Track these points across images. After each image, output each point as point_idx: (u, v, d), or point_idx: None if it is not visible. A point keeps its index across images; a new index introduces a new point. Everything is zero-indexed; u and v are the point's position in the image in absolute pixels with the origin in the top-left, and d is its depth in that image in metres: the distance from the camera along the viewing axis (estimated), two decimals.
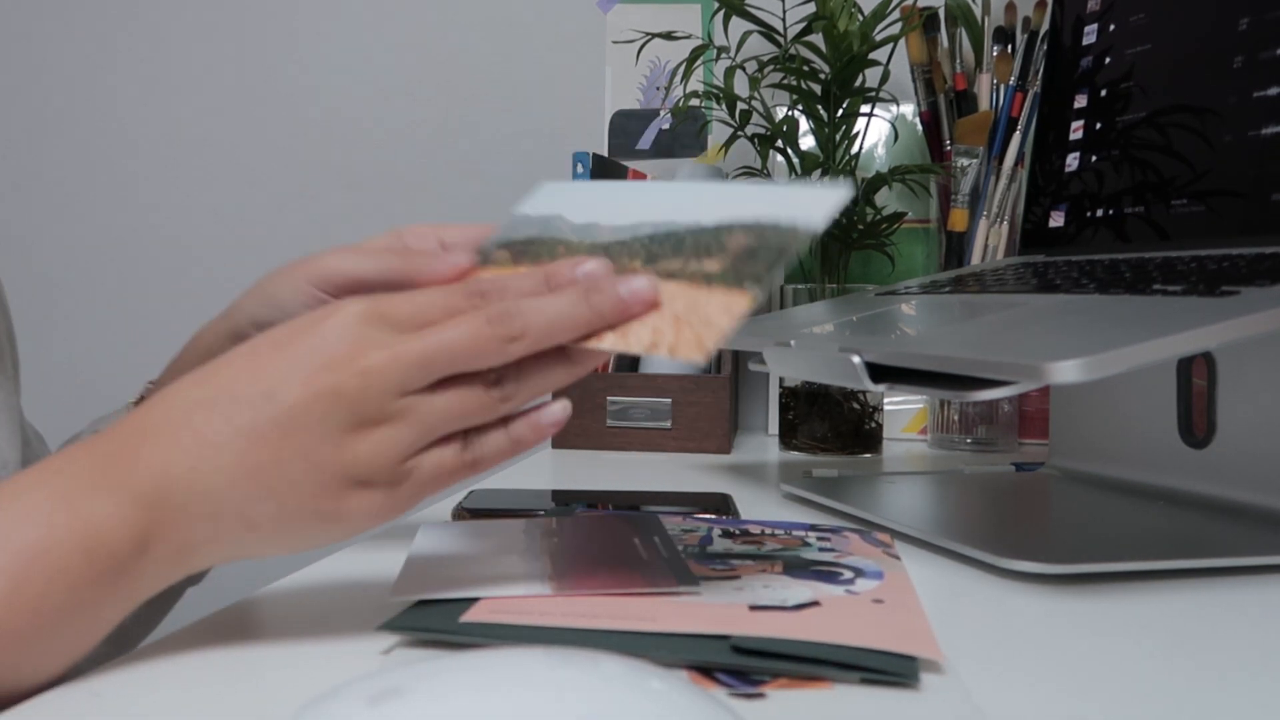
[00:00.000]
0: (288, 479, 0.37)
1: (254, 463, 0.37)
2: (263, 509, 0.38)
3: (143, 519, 0.37)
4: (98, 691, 0.35)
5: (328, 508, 0.38)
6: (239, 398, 0.38)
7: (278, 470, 0.37)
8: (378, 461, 0.38)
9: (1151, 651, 0.40)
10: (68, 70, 1.38)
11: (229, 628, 0.43)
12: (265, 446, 0.37)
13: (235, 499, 0.37)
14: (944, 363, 0.54)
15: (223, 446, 0.37)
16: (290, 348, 0.38)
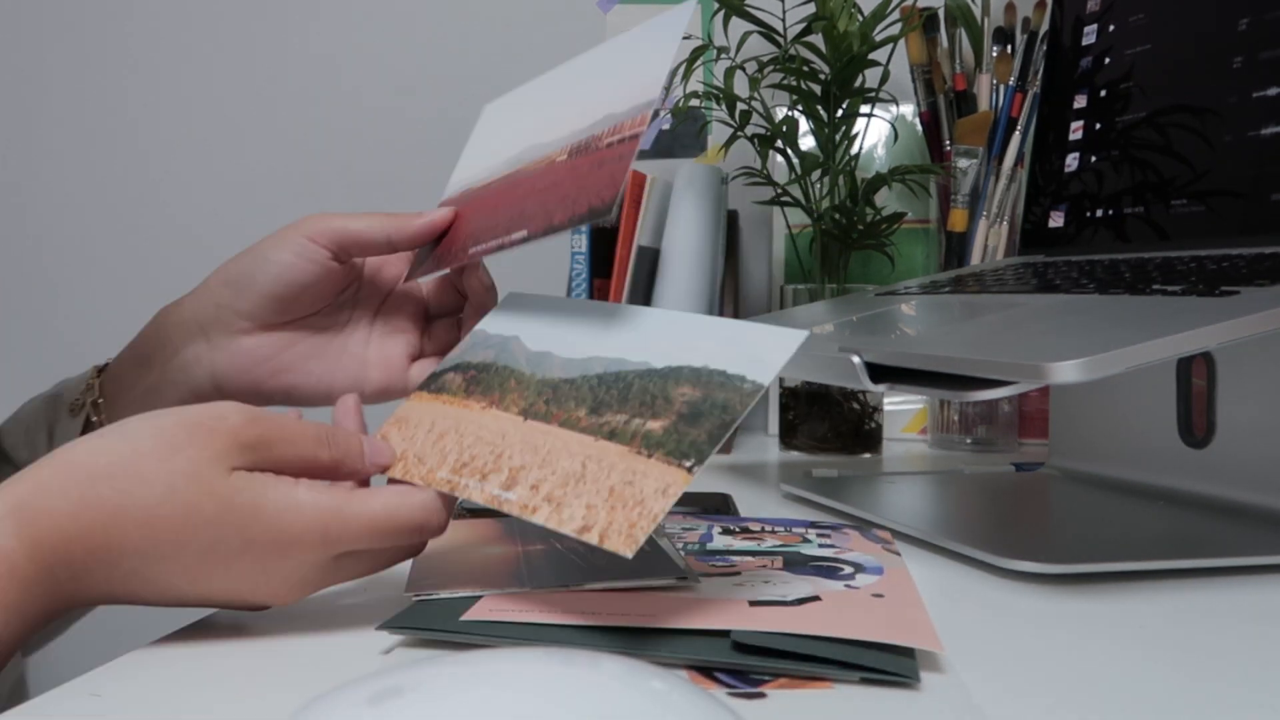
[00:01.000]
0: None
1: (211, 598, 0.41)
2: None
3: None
4: (98, 692, 0.35)
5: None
6: (186, 594, 0.40)
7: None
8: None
9: (1151, 651, 0.40)
10: (67, 71, 1.38)
11: (229, 628, 0.43)
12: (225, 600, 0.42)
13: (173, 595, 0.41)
14: (944, 363, 0.54)
15: (170, 596, 0.40)
16: (262, 564, 0.40)
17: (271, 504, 0.39)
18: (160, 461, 0.39)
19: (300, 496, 0.40)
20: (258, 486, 0.40)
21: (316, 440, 0.43)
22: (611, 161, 0.49)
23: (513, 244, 0.51)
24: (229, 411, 0.41)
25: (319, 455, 0.42)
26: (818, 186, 0.98)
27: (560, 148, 0.53)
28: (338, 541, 0.40)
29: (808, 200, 0.98)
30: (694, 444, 0.39)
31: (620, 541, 0.37)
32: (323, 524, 0.40)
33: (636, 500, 0.38)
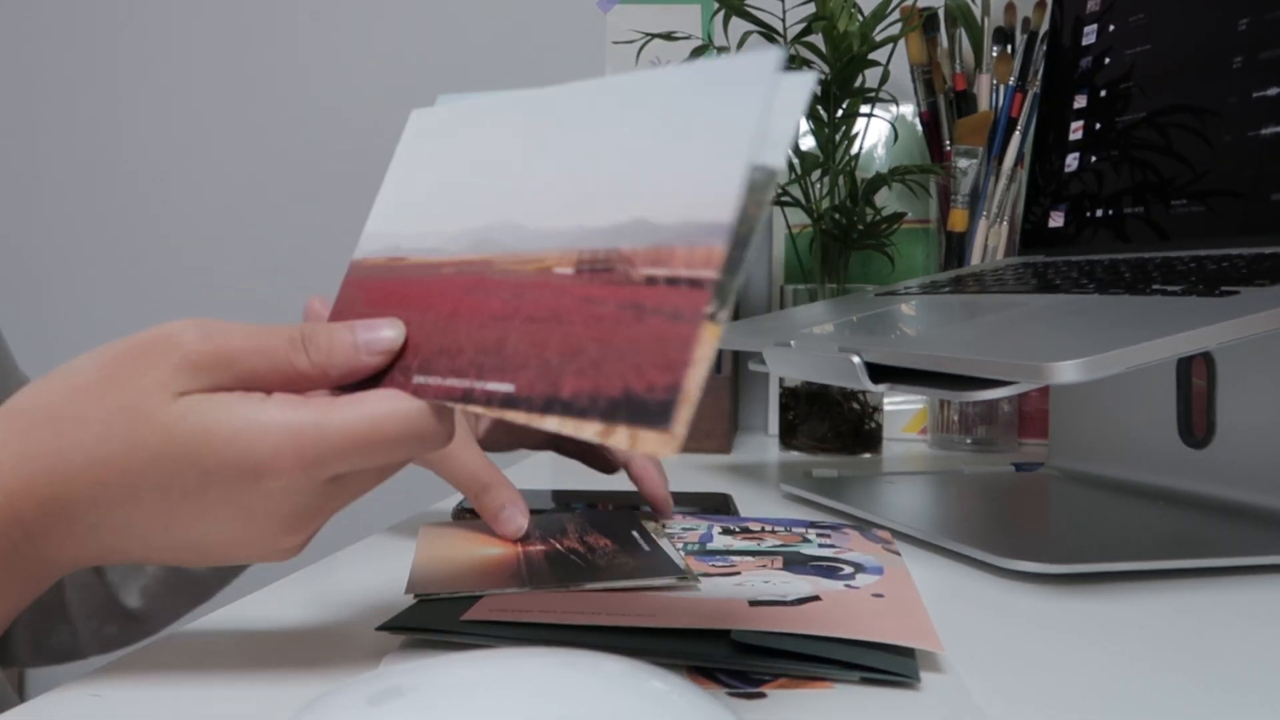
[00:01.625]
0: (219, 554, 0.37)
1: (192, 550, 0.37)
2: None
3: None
4: (98, 692, 0.35)
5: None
6: (170, 543, 0.36)
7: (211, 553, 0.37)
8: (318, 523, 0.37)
9: (1151, 651, 0.40)
10: (66, 71, 1.38)
11: (229, 628, 0.43)
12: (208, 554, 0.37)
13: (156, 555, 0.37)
14: (944, 363, 0.54)
15: (158, 552, 0.37)
16: (232, 498, 0.34)
17: (224, 427, 0.33)
18: (98, 398, 0.34)
19: (267, 415, 0.34)
20: (205, 409, 0.34)
21: (290, 343, 0.35)
22: (663, 319, 0.31)
23: (488, 400, 0.34)
24: (180, 330, 0.35)
25: (296, 362, 0.35)
26: (818, 186, 0.98)
27: (561, 250, 0.34)
28: (318, 462, 0.34)
29: (808, 200, 0.98)
30: (720, 288, 0.30)
31: (654, 441, 0.29)
32: (296, 444, 0.33)
33: None
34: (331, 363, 0.35)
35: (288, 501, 0.35)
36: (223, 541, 0.36)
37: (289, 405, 0.34)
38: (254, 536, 0.36)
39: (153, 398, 0.34)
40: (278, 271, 1.33)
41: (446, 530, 0.54)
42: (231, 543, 0.36)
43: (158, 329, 0.35)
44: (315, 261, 1.32)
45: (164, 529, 0.35)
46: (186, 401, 0.34)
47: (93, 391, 0.34)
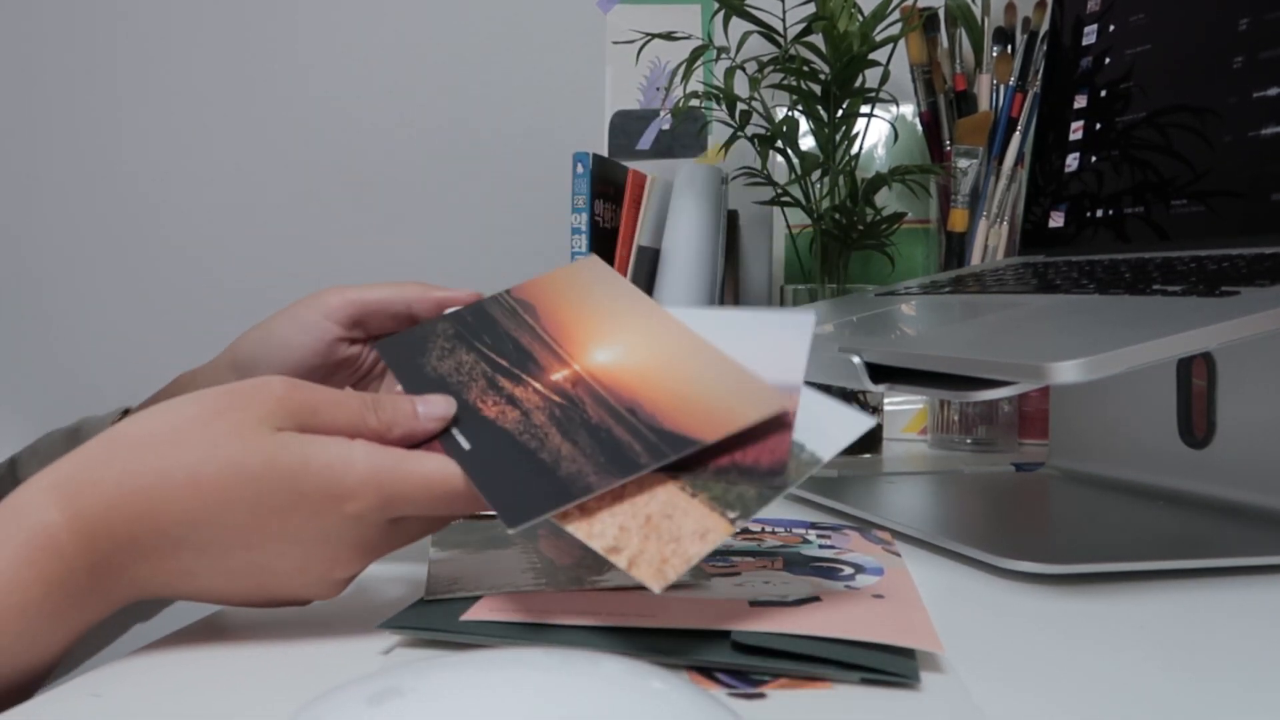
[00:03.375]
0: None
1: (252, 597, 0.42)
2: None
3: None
4: (98, 692, 0.35)
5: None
6: (243, 567, 0.40)
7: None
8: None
9: (1151, 651, 0.40)
10: (66, 71, 1.38)
11: (229, 628, 0.43)
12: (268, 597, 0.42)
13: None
14: (944, 363, 0.54)
15: (228, 576, 0.40)
16: (314, 520, 0.39)
17: (321, 458, 0.39)
18: (203, 426, 0.39)
19: (355, 452, 0.39)
20: (304, 442, 0.39)
21: (363, 404, 0.42)
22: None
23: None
24: (273, 380, 0.41)
25: (367, 420, 0.41)
26: (818, 186, 0.98)
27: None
28: (393, 500, 0.39)
29: (808, 200, 0.98)
30: (741, 498, 0.39)
31: (649, 573, 0.36)
32: (378, 479, 0.39)
33: (673, 536, 0.37)
34: (395, 422, 0.42)
35: (358, 531, 0.40)
36: (289, 569, 0.40)
37: (373, 448, 0.40)
38: (318, 564, 0.40)
39: (256, 427, 0.39)
40: (279, 270, 1.33)
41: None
42: (296, 570, 0.40)
43: (250, 380, 0.41)
44: (317, 260, 1.32)
45: (244, 547, 0.39)
46: (286, 434, 0.39)
47: (198, 422, 0.39)
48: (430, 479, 0.40)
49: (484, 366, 0.47)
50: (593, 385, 0.45)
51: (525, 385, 0.45)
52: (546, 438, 0.42)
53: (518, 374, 0.46)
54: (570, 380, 0.45)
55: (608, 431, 0.42)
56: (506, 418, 0.44)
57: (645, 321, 0.48)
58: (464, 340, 0.49)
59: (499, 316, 0.51)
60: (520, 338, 0.49)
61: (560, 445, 0.42)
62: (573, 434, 0.42)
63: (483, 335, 0.49)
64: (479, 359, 0.48)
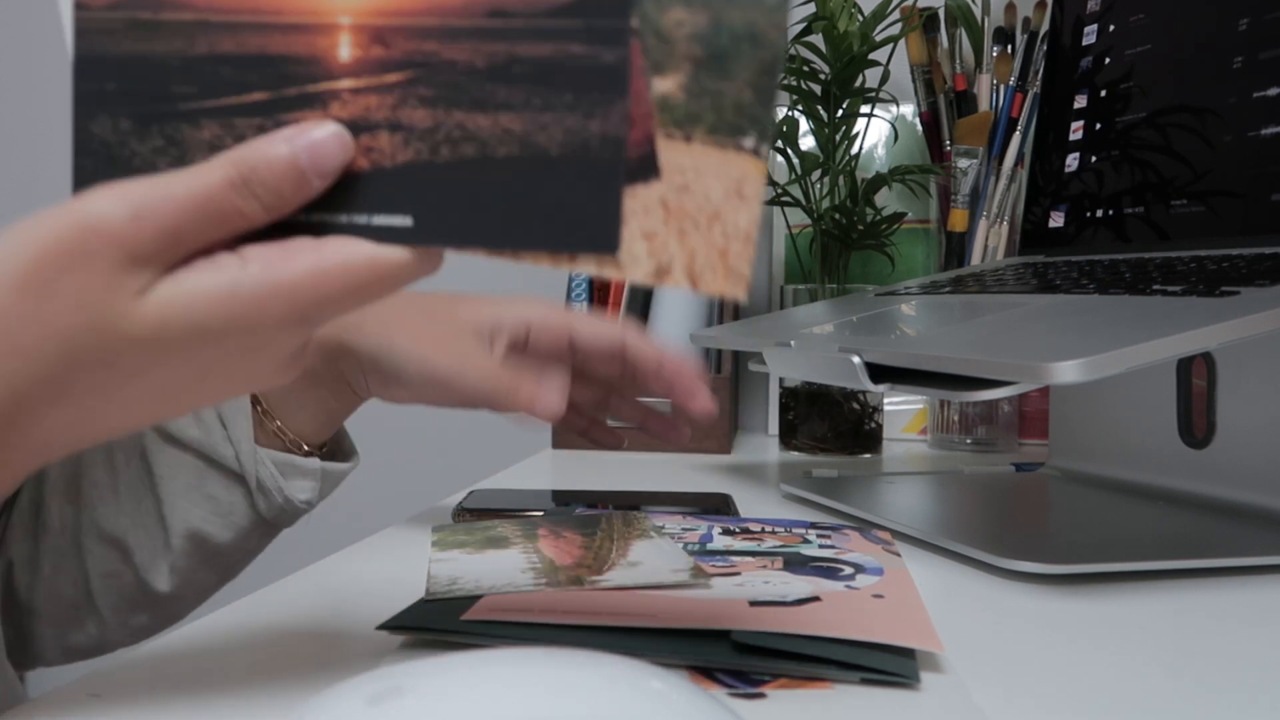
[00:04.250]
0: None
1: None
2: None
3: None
4: (98, 692, 0.35)
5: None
6: (159, 414, 0.33)
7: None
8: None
9: (1151, 652, 0.40)
10: None
11: (229, 628, 0.43)
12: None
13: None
14: (944, 363, 0.54)
15: (144, 420, 0.34)
16: (232, 367, 0.32)
17: (218, 312, 0.30)
18: (40, 324, 0.29)
19: (253, 284, 0.30)
20: (187, 299, 0.30)
21: (232, 189, 0.30)
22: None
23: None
24: (101, 214, 0.29)
25: (246, 211, 0.30)
26: (818, 186, 0.98)
27: None
28: (321, 315, 0.31)
29: (808, 200, 0.98)
30: (741, 108, 0.29)
31: (720, 280, 0.29)
32: (298, 308, 0.30)
33: (709, 214, 0.29)
34: (282, 199, 0.31)
35: (288, 350, 0.33)
36: (220, 393, 0.33)
37: (272, 264, 0.30)
38: (258, 385, 0.34)
39: (112, 309, 0.29)
40: None
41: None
42: (229, 392, 0.33)
43: (71, 218, 0.29)
44: None
45: (155, 414, 0.33)
46: (156, 299, 0.30)
47: (29, 317, 0.29)
48: (358, 277, 0.30)
49: (241, 123, 0.32)
50: (404, 24, 0.31)
51: (333, 99, 0.31)
52: (467, 129, 0.31)
53: (299, 91, 0.31)
54: (366, 42, 0.31)
55: (513, 59, 0.30)
56: (387, 151, 0.31)
57: None
58: (151, 117, 0.32)
59: (135, 47, 0.32)
60: (218, 46, 0.32)
61: (500, 122, 0.30)
62: (484, 98, 0.30)
63: (167, 88, 0.32)
64: (218, 121, 0.32)
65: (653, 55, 0.30)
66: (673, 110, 0.30)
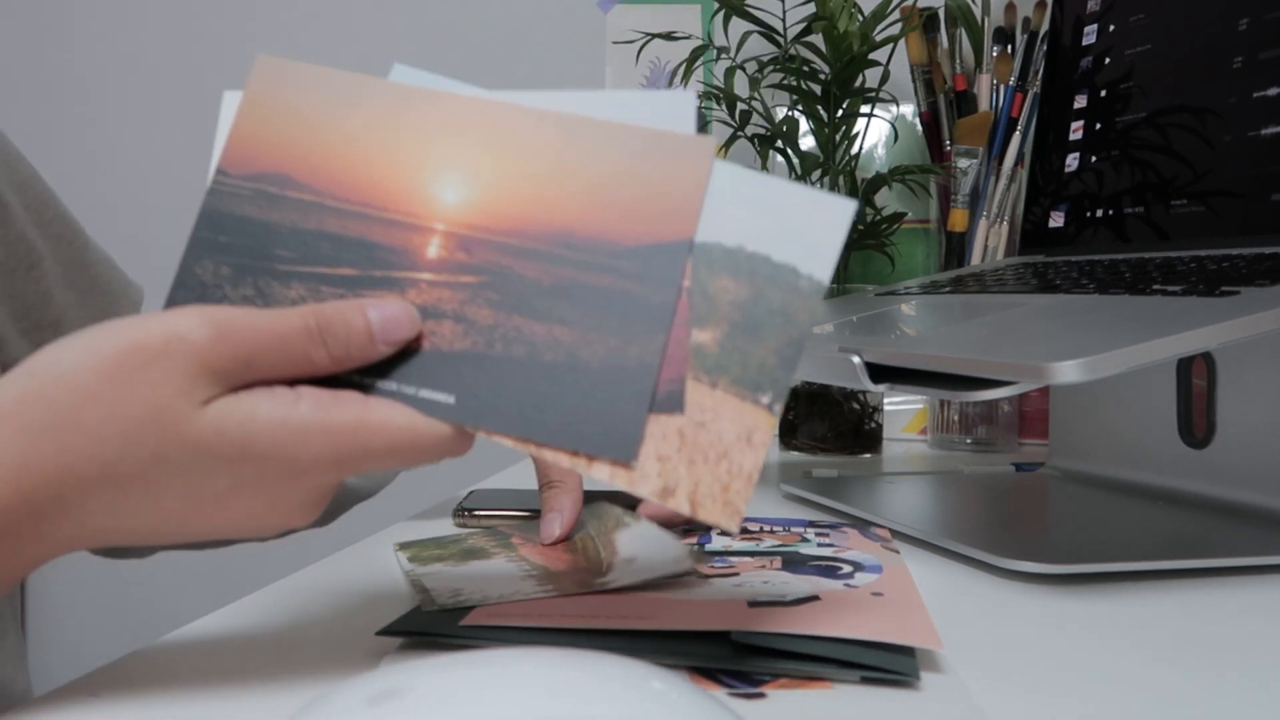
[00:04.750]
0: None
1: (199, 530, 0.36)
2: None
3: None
4: (98, 692, 0.35)
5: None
6: (184, 532, 0.35)
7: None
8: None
9: (1151, 652, 0.40)
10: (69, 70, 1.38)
11: (229, 628, 0.43)
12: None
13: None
14: (944, 363, 0.54)
15: (169, 538, 0.35)
16: (262, 494, 0.34)
17: (267, 436, 0.32)
18: (109, 407, 0.32)
19: (303, 418, 0.33)
20: (243, 417, 0.32)
21: (307, 336, 0.33)
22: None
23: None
24: (189, 328, 0.32)
25: (314, 358, 0.34)
26: (818, 186, 0.98)
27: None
28: (353, 463, 0.34)
29: None
30: (764, 370, 0.33)
31: (719, 511, 0.32)
32: (335, 451, 0.33)
33: (718, 452, 0.33)
34: (349, 355, 0.34)
35: (311, 493, 0.35)
36: (237, 528, 0.35)
37: (323, 405, 0.33)
38: (271, 521, 0.35)
39: (177, 410, 0.32)
40: None
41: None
42: (246, 528, 0.35)
43: (160, 325, 0.33)
44: None
45: (180, 522, 0.34)
46: (216, 411, 0.32)
47: (102, 399, 0.32)
48: (394, 442, 0.34)
49: (326, 290, 0.36)
50: (489, 239, 0.36)
51: (411, 286, 0.35)
52: (523, 333, 0.35)
53: (384, 275, 0.36)
54: (453, 247, 0.36)
55: (575, 284, 0.35)
56: (448, 337, 0.35)
57: (461, 121, 0.37)
58: (249, 270, 0.36)
59: (256, 213, 0.37)
60: (326, 225, 0.36)
61: (554, 333, 0.34)
62: (544, 310, 0.34)
63: (271, 250, 0.36)
64: (306, 284, 0.36)
65: (698, 310, 0.34)
66: (705, 358, 0.34)
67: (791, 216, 0.35)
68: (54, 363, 0.33)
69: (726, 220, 0.35)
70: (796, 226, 0.35)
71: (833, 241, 0.34)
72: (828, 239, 0.34)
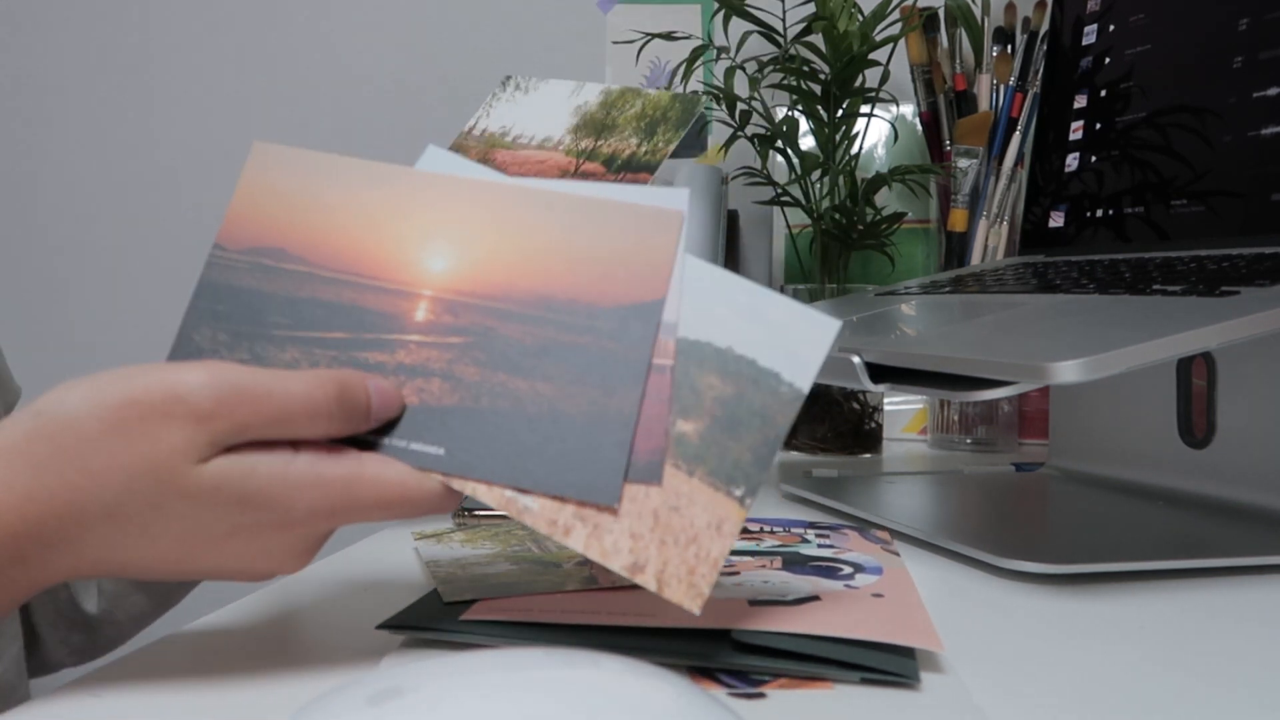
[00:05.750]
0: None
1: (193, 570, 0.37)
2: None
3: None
4: (98, 692, 0.35)
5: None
6: (180, 571, 0.36)
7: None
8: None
9: (1151, 651, 0.40)
10: (70, 68, 1.38)
11: (229, 628, 0.43)
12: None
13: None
14: (944, 363, 0.54)
15: (164, 576, 0.37)
16: (256, 542, 0.35)
17: (261, 492, 0.34)
18: (110, 455, 0.33)
19: (299, 472, 0.34)
20: (243, 473, 0.34)
21: (309, 410, 0.35)
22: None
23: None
24: (190, 389, 0.33)
25: (315, 430, 0.35)
26: (818, 186, 0.98)
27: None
28: (345, 516, 0.35)
29: (808, 200, 0.98)
30: (739, 465, 0.36)
31: (683, 592, 0.34)
32: (329, 504, 0.35)
33: (689, 536, 0.35)
34: (345, 429, 0.36)
35: (304, 541, 0.36)
36: (229, 572, 0.36)
37: (320, 460, 0.35)
38: (262, 567, 0.37)
39: (176, 464, 0.33)
40: None
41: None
42: (238, 572, 0.37)
43: (163, 383, 0.34)
44: None
45: (175, 562, 0.36)
46: (215, 468, 0.34)
47: (105, 449, 0.33)
48: (385, 498, 0.35)
49: (319, 353, 0.38)
50: (474, 303, 0.38)
51: (401, 347, 0.38)
52: (508, 388, 0.37)
53: (374, 337, 0.38)
54: (440, 310, 0.38)
55: (556, 343, 0.37)
56: (436, 394, 0.37)
57: (446, 197, 0.39)
58: (245, 336, 0.38)
59: (252, 283, 0.39)
60: (319, 293, 0.38)
61: (537, 388, 0.37)
62: (528, 368, 0.37)
63: (266, 317, 0.38)
64: (300, 348, 0.38)
65: (684, 401, 0.36)
66: (686, 447, 0.36)
67: (781, 327, 0.37)
68: (59, 406, 0.34)
69: (720, 323, 0.37)
70: (784, 337, 0.37)
71: (815, 355, 0.37)
72: (811, 352, 0.37)
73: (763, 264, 1.22)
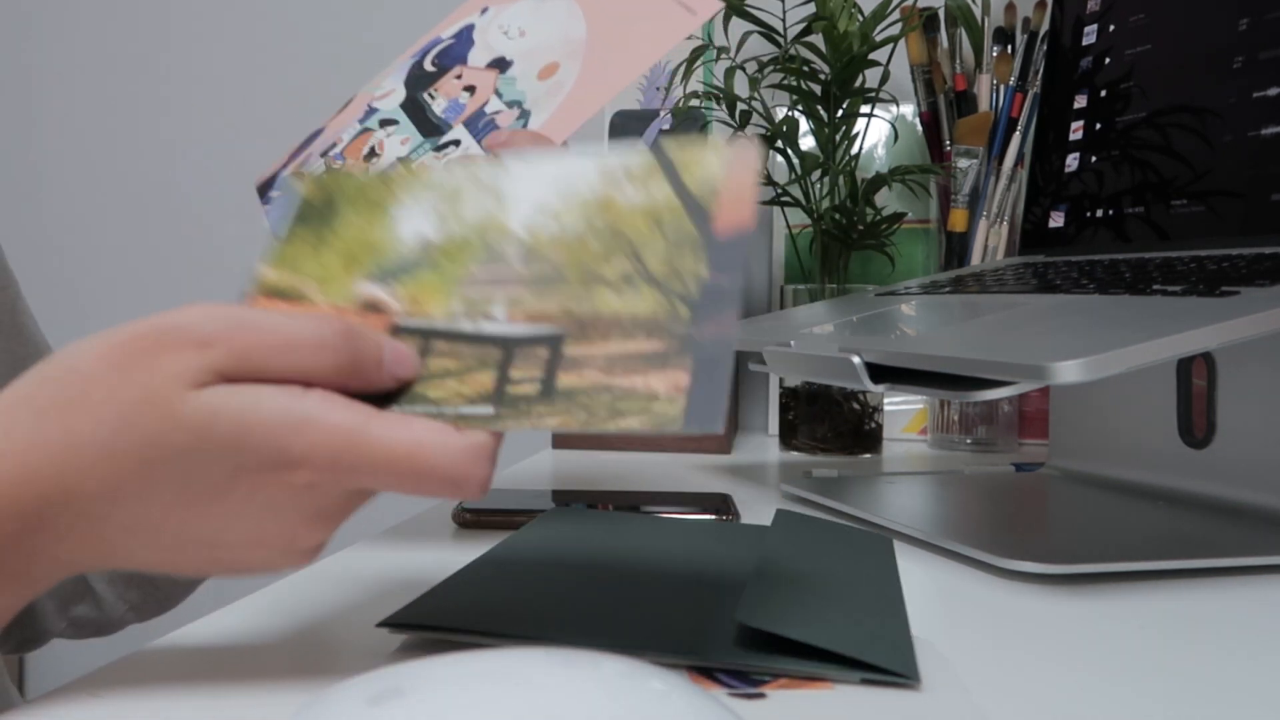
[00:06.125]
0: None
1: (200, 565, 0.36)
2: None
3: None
4: (98, 692, 0.35)
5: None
6: (182, 540, 0.35)
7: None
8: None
9: (1151, 652, 0.40)
10: (71, 67, 1.38)
11: (229, 628, 0.43)
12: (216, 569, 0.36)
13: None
14: (944, 363, 0.54)
15: (168, 551, 0.35)
16: (258, 493, 0.33)
17: (263, 424, 0.32)
18: (109, 389, 0.32)
19: (306, 409, 0.32)
20: (238, 403, 0.32)
21: (318, 344, 0.33)
22: None
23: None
24: (195, 320, 0.33)
25: (321, 363, 0.33)
26: (818, 186, 0.98)
27: None
28: (350, 471, 0.33)
29: (808, 200, 0.98)
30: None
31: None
32: (332, 447, 0.32)
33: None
34: (356, 373, 0.34)
35: (312, 500, 0.34)
36: (240, 541, 0.34)
37: (330, 403, 0.32)
38: (273, 534, 0.34)
39: (171, 391, 0.32)
40: None
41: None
42: (249, 542, 0.34)
43: (170, 317, 0.33)
44: None
45: (179, 523, 0.34)
46: (212, 394, 0.32)
47: (105, 383, 0.32)
48: (395, 457, 0.32)
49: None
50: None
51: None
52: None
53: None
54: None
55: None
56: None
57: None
58: None
59: None
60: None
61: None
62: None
63: None
64: None
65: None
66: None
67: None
68: (70, 352, 0.34)
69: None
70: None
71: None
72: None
73: (763, 264, 1.22)
